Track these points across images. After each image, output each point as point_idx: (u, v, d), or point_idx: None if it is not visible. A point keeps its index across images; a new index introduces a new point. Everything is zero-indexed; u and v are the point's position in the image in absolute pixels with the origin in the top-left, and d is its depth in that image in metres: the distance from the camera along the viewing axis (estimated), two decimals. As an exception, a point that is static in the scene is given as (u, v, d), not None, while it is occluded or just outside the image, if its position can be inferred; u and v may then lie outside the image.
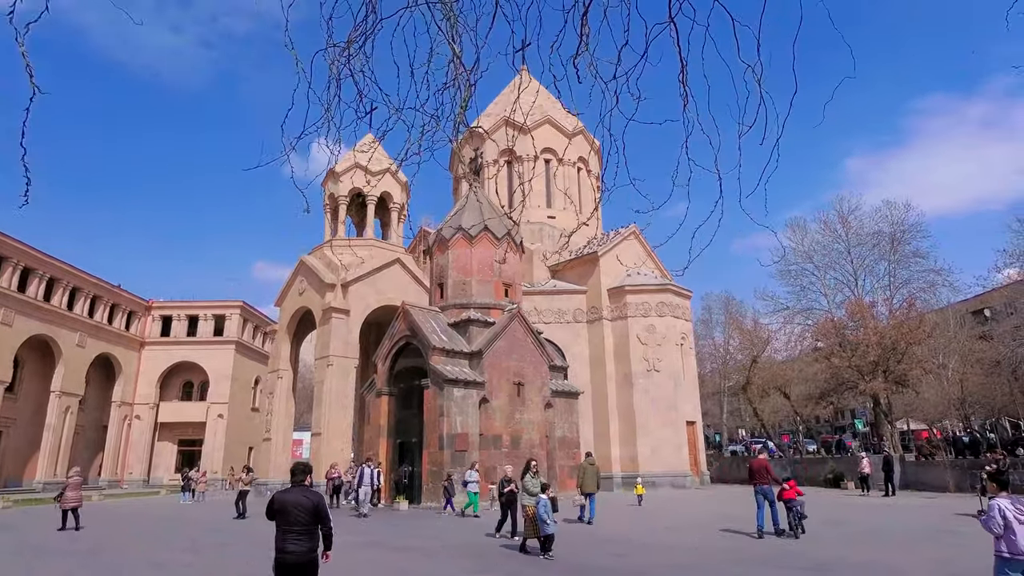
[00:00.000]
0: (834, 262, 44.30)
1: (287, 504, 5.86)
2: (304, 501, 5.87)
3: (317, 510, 5.88)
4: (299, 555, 5.75)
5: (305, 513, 5.82)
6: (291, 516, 5.80)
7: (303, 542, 5.78)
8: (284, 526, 5.82)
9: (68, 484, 17.45)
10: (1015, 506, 6.16)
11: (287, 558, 5.74)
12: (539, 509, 11.20)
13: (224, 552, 12.78)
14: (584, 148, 45.09)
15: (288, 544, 5.75)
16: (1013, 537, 6.07)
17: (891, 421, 33.86)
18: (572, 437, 27.77)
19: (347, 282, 31.41)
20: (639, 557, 10.75)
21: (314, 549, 5.86)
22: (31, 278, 36.88)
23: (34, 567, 11.07)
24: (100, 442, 44.60)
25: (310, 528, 5.83)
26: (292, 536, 5.77)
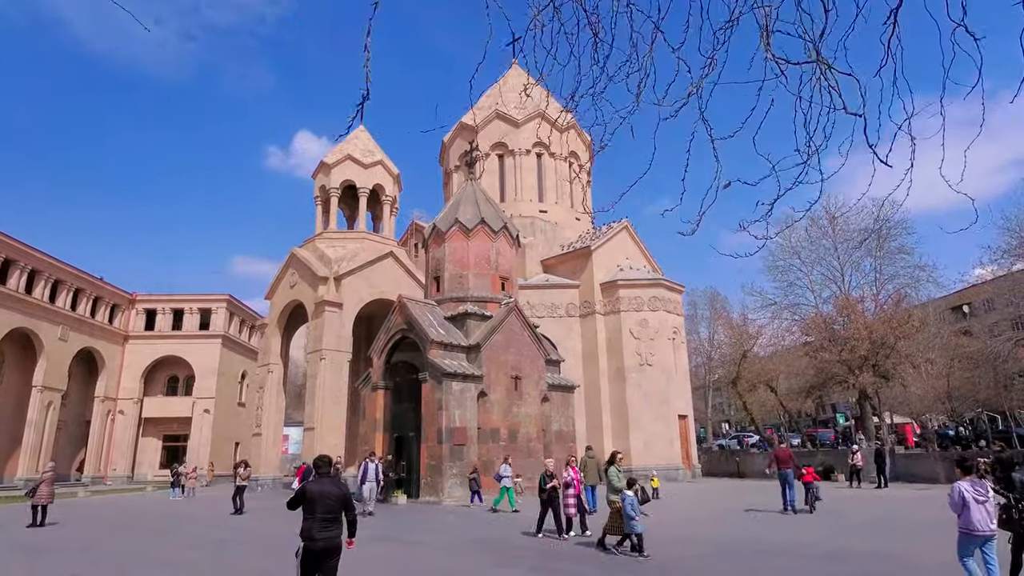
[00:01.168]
0: (821, 258, 44.80)
1: (319, 494, 6.17)
2: (335, 491, 6.28)
3: (345, 499, 6.31)
4: (327, 541, 6.09)
5: (335, 502, 6.21)
6: (322, 505, 6.13)
7: (331, 529, 6.15)
8: (314, 514, 6.10)
9: (42, 480, 17.24)
10: (974, 488, 7.11)
11: (317, 544, 6.03)
12: (626, 506, 10.53)
13: (231, 548, 12.54)
14: (576, 143, 45.05)
15: (318, 531, 6.06)
16: (969, 515, 7.06)
17: (880, 415, 34.34)
18: (568, 431, 27.75)
19: (340, 275, 31.07)
20: (661, 550, 10.70)
21: (339, 536, 6.22)
22: (12, 270, 35.91)
23: (37, 566, 10.76)
24: (83, 438, 43.68)
25: (337, 516, 6.22)
26: (321, 524, 6.09)
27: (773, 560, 10.10)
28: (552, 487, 12.75)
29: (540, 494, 13.06)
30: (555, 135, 43.57)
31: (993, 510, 7.14)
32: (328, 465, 6.78)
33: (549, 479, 12.98)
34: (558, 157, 43.26)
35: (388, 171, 36.06)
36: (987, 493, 7.14)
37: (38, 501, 16.69)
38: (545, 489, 12.88)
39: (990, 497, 7.17)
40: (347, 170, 34.70)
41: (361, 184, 34.70)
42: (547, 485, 12.87)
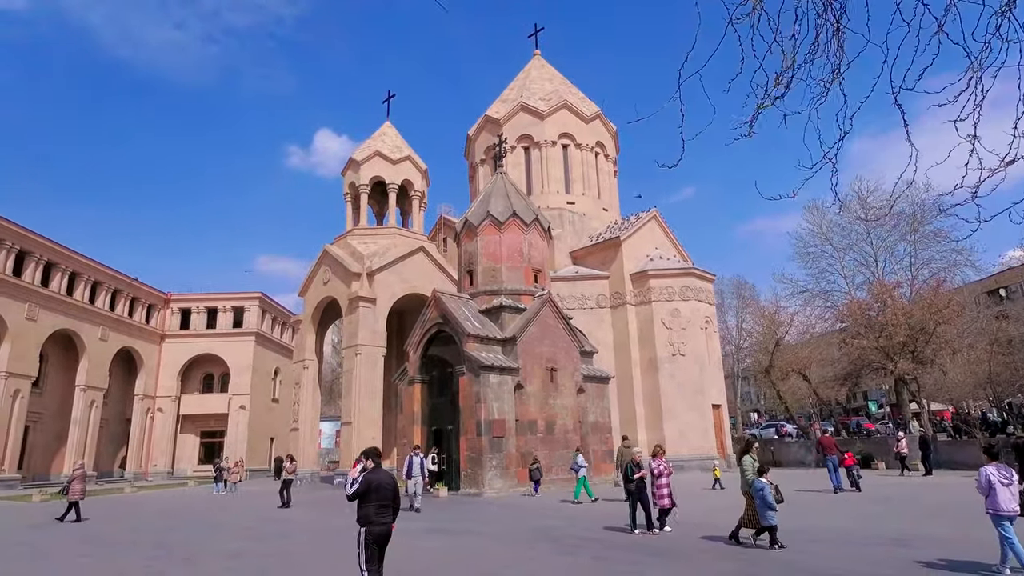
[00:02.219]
0: (853, 243, 44.22)
1: (376, 483, 6.74)
2: (390, 481, 6.92)
3: (396, 489, 6.95)
4: (384, 526, 6.68)
5: (390, 491, 6.83)
6: (378, 493, 6.69)
7: (386, 515, 6.73)
8: (375, 502, 6.67)
9: (74, 476, 17.75)
10: (999, 472, 7.82)
11: (379, 528, 6.62)
12: (764, 495, 9.88)
13: (292, 540, 12.78)
14: (602, 133, 44.76)
15: (380, 517, 6.64)
16: (996, 497, 7.72)
17: (919, 401, 33.79)
18: (604, 422, 27.77)
19: (372, 271, 31.32)
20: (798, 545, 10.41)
21: (392, 521, 6.81)
22: (53, 272, 36.86)
23: (115, 559, 11.09)
24: (124, 435, 44.75)
25: (390, 504, 6.79)
26: (382, 510, 6.68)
27: (841, 549, 10.03)
28: (640, 477, 12.00)
29: (626, 484, 12.30)
30: (581, 126, 43.45)
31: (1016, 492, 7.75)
32: (379, 456, 7.25)
33: (636, 468, 12.20)
34: (584, 148, 43.01)
35: (416, 166, 36.19)
36: (1012, 476, 7.80)
37: (72, 497, 17.18)
38: (632, 479, 12.06)
39: (1015, 480, 7.82)
40: (376, 166, 34.90)
41: (390, 180, 34.89)
42: (634, 475, 12.05)
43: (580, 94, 46.00)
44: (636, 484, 12.00)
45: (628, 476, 12.17)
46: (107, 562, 10.55)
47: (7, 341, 33.28)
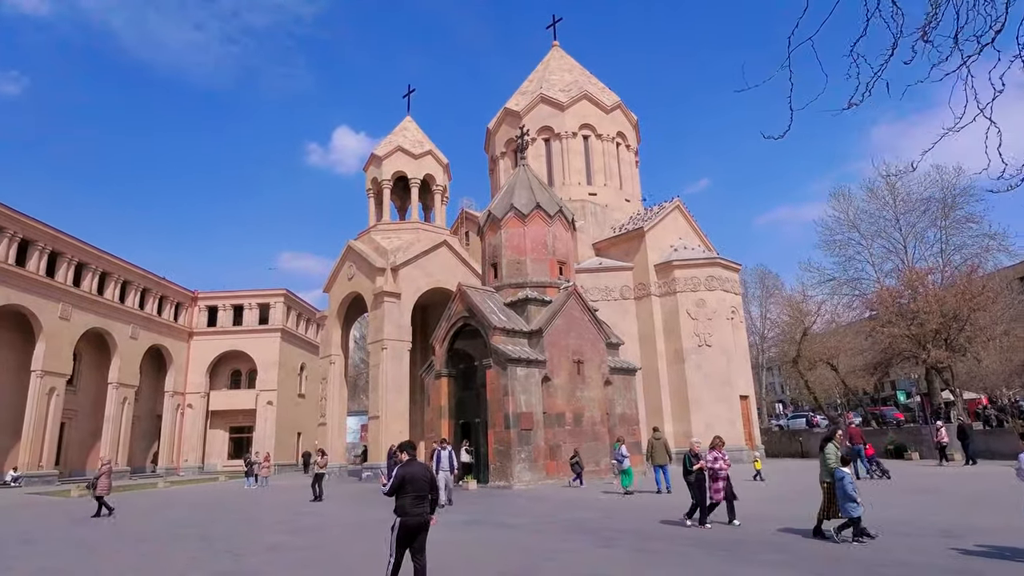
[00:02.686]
0: (881, 230, 43.31)
1: (413, 476, 6.99)
2: (424, 473, 7.16)
3: (432, 480, 7.20)
4: (419, 517, 6.90)
5: (425, 482, 7.05)
6: (413, 485, 6.93)
7: (421, 506, 6.94)
8: (411, 494, 6.90)
9: (101, 472, 17.77)
10: None
11: (412, 520, 6.84)
12: (845, 486, 9.53)
13: (327, 532, 12.88)
14: (623, 123, 44.39)
15: (413, 507, 6.87)
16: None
17: (954, 390, 33.11)
18: (632, 414, 27.66)
19: (397, 266, 31.44)
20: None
21: (427, 512, 7.00)
22: (85, 272, 37.59)
23: (162, 552, 11.26)
24: (155, 431, 45.64)
25: (425, 495, 7.00)
26: (416, 501, 6.90)
27: (891, 540, 9.85)
28: (699, 468, 11.56)
29: (686, 476, 11.85)
30: (602, 116, 43.10)
31: None
32: (414, 448, 7.56)
33: (695, 459, 11.76)
34: (605, 139, 42.67)
35: (438, 160, 36.21)
36: None
37: (99, 492, 17.32)
38: (691, 471, 11.63)
39: None
40: (398, 161, 34.98)
41: (412, 175, 34.94)
42: (693, 467, 11.62)
43: (600, 84, 45.63)
44: (696, 475, 11.56)
45: (687, 467, 11.75)
46: (155, 555, 10.72)
47: (42, 340, 34.03)
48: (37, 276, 33.60)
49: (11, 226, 32.05)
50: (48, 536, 13.72)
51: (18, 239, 32.62)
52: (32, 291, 33.34)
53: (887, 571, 7.81)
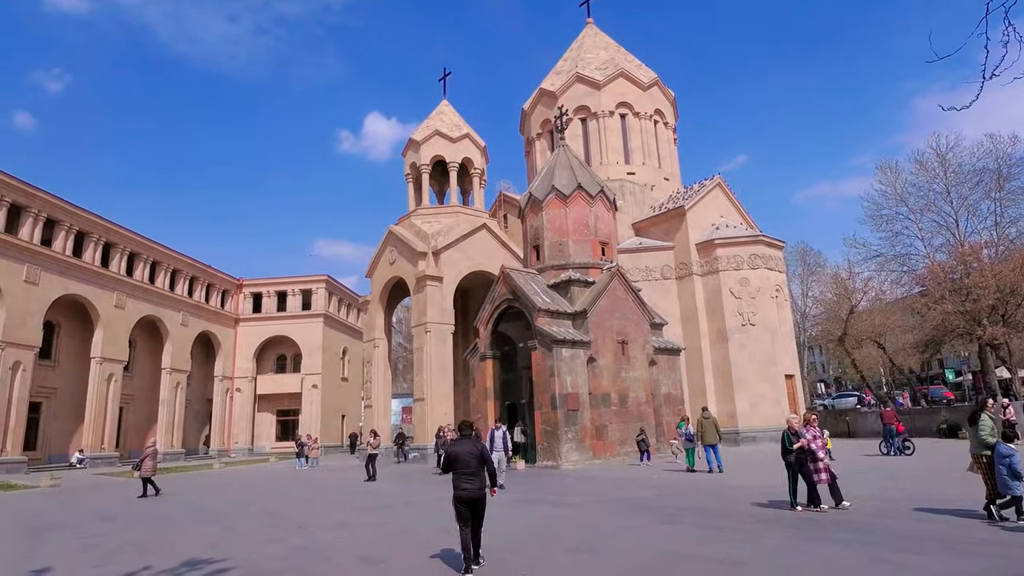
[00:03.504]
0: (931, 204, 41.83)
1: (461, 454, 7.50)
2: (473, 450, 7.57)
3: (482, 455, 7.58)
4: (471, 491, 7.36)
5: (474, 459, 7.48)
6: (463, 462, 7.44)
7: (474, 481, 7.39)
8: (459, 471, 7.44)
9: (146, 455, 18.23)
10: None
11: (463, 493, 7.35)
12: (1012, 463, 8.80)
13: (392, 510, 13.22)
14: (660, 100, 43.64)
15: (463, 483, 7.38)
16: None
17: (1011, 368, 32.09)
18: (676, 394, 27.56)
19: (438, 249, 31.68)
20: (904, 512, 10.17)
21: (482, 488, 7.44)
22: (136, 262, 38.84)
23: (235, 527, 11.71)
24: (206, 415, 47.21)
25: (476, 471, 7.43)
26: (465, 477, 7.40)
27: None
28: (800, 447, 10.70)
29: (785, 456, 10.98)
30: (639, 94, 42.45)
31: None
32: (471, 428, 8.15)
33: (794, 438, 10.82)
34: (643, 116, 42.04)
35: (475, 144, 36.22)
36: None
37: (144, 474, 17.84)
38: (791, 450, 10.77)
39: None
40: (436, 145, 35.08)
41: (450, 159, 35.03)
42: (793, 445, 10.76)
43: (636, 61, 44.86)
44: (796, 455, 10.73)
45: (787, 446, 10.89)
46: (233, 531, 11.16)
47: (100, 328, 35.38)
48: (93, 267, 34.84)
49: (68, 219, 33.23)
50: (125, 513, 14.38)
51: (75, 231, 33.81)
52: (89, 281, 34.61)
53: None
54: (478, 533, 7.51)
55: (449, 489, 7.60)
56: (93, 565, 8.70)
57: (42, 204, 31.62)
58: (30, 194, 30.94)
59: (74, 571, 8.43)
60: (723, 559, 7.47)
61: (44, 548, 10.25)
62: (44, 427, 34.21)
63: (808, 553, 7.69)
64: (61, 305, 33.79)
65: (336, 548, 9.27)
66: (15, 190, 30.21)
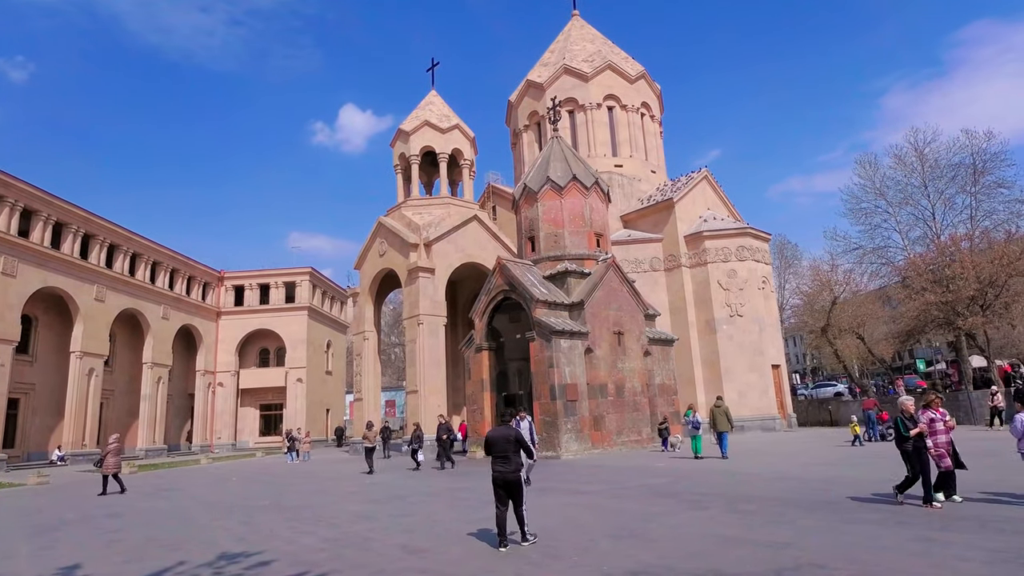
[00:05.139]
0: (909, 197, 42.78)
1: (497, 439, 8.18)
2: (508, 434, 8.21)
3: (517, 440, 8.18)
4: (504, 472, 7.99)
5: (508, 443, 8.09)
6: (498, 447, 8.11)
7: (507, 464, 8.00)
8: (493, 454, 8.12)
9: (108, 451, 17.84)
10: None
11: (498, 475, 8.03)
12: None
13: (409, 500, 13.14)
14: (647, 93, 43.89)
15: (497, 465, 8.05)
16: None
17: (989, 356, 33.09)
18: (670, 384, 27.85)
19: (429, 241, 31.49)
20: None
21: (515, 470, 8.02)
22: (116, 254, 37.84)
23: (252, 521, 11.52)
24: (188, 409, 46.33)
25: (509, 455, 8.02)
26: (500, 460, 8.04)
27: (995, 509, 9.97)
28: (919, 433, 9.45)
29: (901, 444, 9.66)
30: (626, 87, 42.59)
31: None
32: (511, 416, 8.92)
33: (910, 423, 9.57)
34: (630, 109, 42.26)
35: (464, 134, 36.00)
36: None
37: (107, 471, 17.48)
38: (908, 437, 9.47)
39: None
40: (425, 136, 34.80)
41: (440, 149, 34.77)
42: (910, 432, 9.46)
43: (623, 53, 45.01)
44: (913, 443, 9.45)
45: (902, 433, 9.58)
46: (253, 524, 10.96)
47: (79, 322, 34.43)
48: (72, 258, 33.85)
49: (46, 209, 32.20)
50: (130, 510, 14.05)
51: (53, 222, 32.80)
52: (68, 273, 33.63)
53: None
54: (518, 512, 8.06)
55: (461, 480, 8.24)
56: (125, 561, 8.49)
57: (19, 194, 30.58)
58: (6, 183, 29.90)
59: (106, 567, 8.21)
60: (771, 542, 7.58)
61: (63, 545, 9.97)
62: (23, 424, 33.22)
63: (850, 534, 7.84)
64: (39, 298, 32.80)
65: (371, 539, 9.19)
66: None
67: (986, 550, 6.75)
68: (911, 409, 9.77)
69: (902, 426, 9.60)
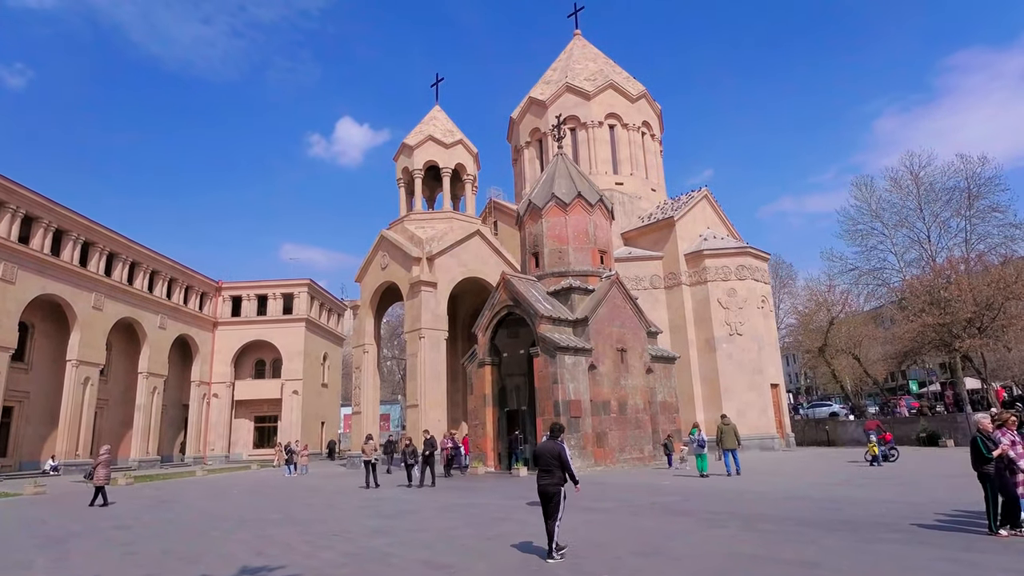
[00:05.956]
0: (904, 220, 43.38)
1: (542, 453, 8.63)
2: (553, 449, 8.51)
3: (559, 456, 8.40)
4: (546, 486, 8.34)
5: (552, 457, 8.42)
6: (542, 460, 8.55)
7: (548, 477, 8.35)
8: (539, 467, 8.56)
9: (98, 462, 17.64)
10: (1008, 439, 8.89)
11: (538, 487, 8.45)
12: None
13: (422, 515, 13.05)
14: (648, 112, 44.38)
15: (540, 478, 8.46)
16: None
17: (986, 379, 33.37)
18: (672, 402, 27.89)
19: (432, 255, 31.52)
20: None
21: (556, 484, 8.30)
22: (115, 262, 37.65)
23: (271, 535, 11.42)
24: (182, 420, 45.89)
25: (551, 469, 8.37)
26: (543, 474, 8.46)
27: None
28: (1000, 455, 8.65)
29: (979, 466, 8.82)
30: (627, 106, 43.07)
31: None
32: (561, 431, 9.08)
33: (989, 442, 8.75)
34: (631, 128, 42.70)
35: (468, 150, 36.20)
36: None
37: (97, 482, 17.28)
38: (990, 458, 8.66)
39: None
40: (429, 151, 34.96)
41: (444, 164, 34.94)
42: (992, 452, 8.65)
43: (625, 73, 45.56)
44: (995, 465, 8.69)
45: (983, 454, 8.71)
46: (269, 538, 10.84)
47: (76, 330, 34.15)
48: (72, 266, 33.67)
49: (47, 216, 32.07)
50: (137, 521, 13.89)
51: (53, 229, 32.64)
52: (67, 281, 33.43)
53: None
54: (549, 524, 8.28)
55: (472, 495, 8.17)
56: (146, 574, 8.40)
57: (20, 200, 30.45)
58: (9, 189, 29.78)
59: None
60: (799, 561, 7.61)
61: (76, 556, 9.85)
62: (15, 432, 32.80)
63: (873, 553, 7.88)
64: (36, 306, 32.54)
65: (391, 554, 9.14)
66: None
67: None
68: (990, 428, 8.99)
69: (982, 446, 8.79)
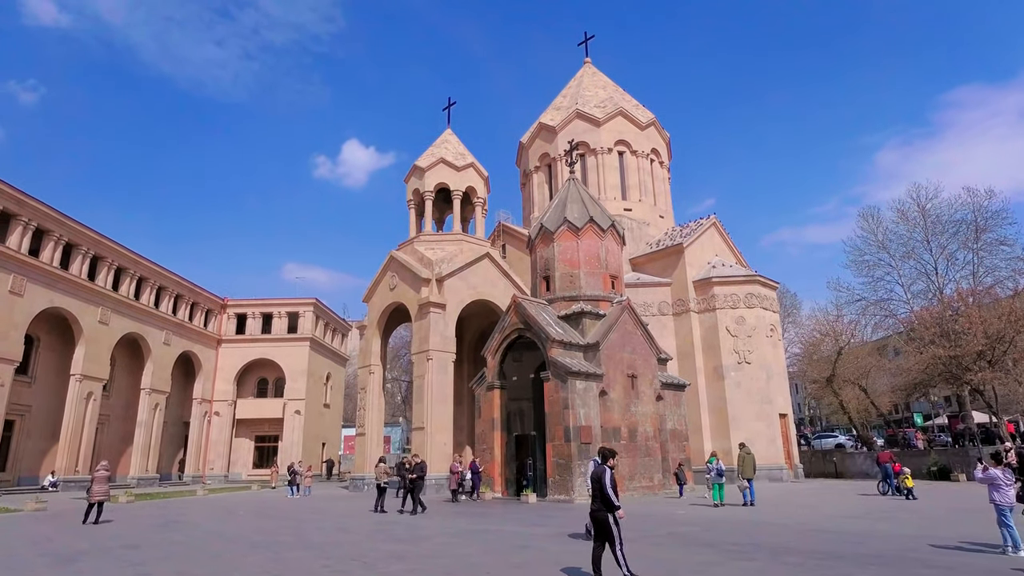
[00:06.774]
0: (911, 251, 43.42)
1: (592, 477, 8.58)
2: (595, 474, 8.50)
3: (599, 480, 8.36)
4: (594, 512, 8.36)
5: (595, 482, 8.41)
6: (592, 486, 8.55)
7: (597, 502, 8.34)
8: (591, 492, 8.54)
9: (95, 478, 17.43)
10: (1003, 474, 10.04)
11: (590, 511, 8.54)
12: None
13: (437, 541, 12.80)
14: (656, 140, 44.74)
15: (591, 504, 8.50)
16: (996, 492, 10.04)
17: (996, 412, 33.08)
18: (682, 429, 27.64)
19: (442, 277, 31.46)
20: None
21: (602, 510, 8.22)
22: (123, 277, 37.60)
23: (287, 559, 11.19)
24: (182, 438, 45.42)
25: (597, 494, 8.33)
26: (593, 499, 8.48)
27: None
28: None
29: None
30: (636, 133, 43.44)
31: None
32: (612, 456, 8.91)
33: None
34: (640, 155, 43.02)
35: (479, 173, 36.39)
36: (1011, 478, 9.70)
37: (93, 499, 17.06)
38: None
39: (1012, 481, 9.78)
40: (440, 173, 35.12)
41: (454, 187, 35.08)
42: None
43: (634, 101, 46.03)
44: None
45: None
46: (286, 561, 10.62)
47: (82, 344, 33.97)
48: (80, 279, 33.62)
49: (58, 229, 32.11)
50: (145, 541, 13.64)
51: (63, 242, 32.66)
52: (75, 294, 33.34)
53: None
54: (614, 551, 8.14)
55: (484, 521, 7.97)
56: (166, 595, 8.19)
57: (32, 212, 30.52)
58: (21, 201, 29.87)
59: (148, 601, 7.91)
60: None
61: (90, 576, 9.63)
62: (16, 447, 32.41)
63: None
64: (43, 319, 32.41)
65: (415, 581, 8.92)
66: (5, 196, 29.13)
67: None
68: None
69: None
